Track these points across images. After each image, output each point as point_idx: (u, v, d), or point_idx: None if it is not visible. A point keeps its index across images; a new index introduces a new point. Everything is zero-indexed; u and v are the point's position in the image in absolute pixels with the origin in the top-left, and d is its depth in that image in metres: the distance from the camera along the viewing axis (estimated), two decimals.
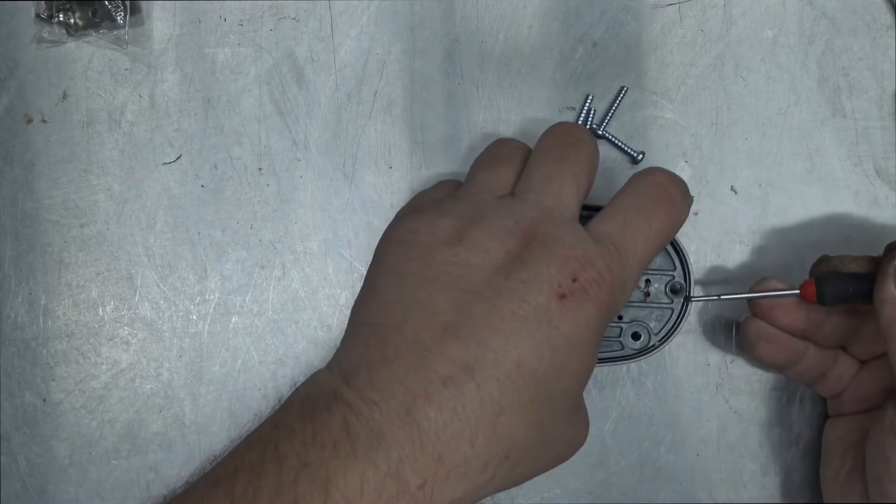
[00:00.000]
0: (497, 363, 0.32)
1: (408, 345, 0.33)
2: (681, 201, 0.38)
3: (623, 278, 0.36)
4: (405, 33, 0.48)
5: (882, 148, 0.48)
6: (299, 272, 0.47)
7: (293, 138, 0.47)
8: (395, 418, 0.32)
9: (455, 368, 0.32)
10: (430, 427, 0.32)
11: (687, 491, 0.48)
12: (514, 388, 0.33)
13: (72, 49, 0.47)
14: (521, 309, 0.33)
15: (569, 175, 0.38)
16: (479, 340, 0.33)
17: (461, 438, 0.32)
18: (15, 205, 0.47)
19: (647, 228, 0.37)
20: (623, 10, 0.48)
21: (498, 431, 0.32)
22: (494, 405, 0.32)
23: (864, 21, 0.48)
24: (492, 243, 0.35)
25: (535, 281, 0.34)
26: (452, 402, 0.32)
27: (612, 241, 0.36)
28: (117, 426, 0.47)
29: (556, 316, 0.33)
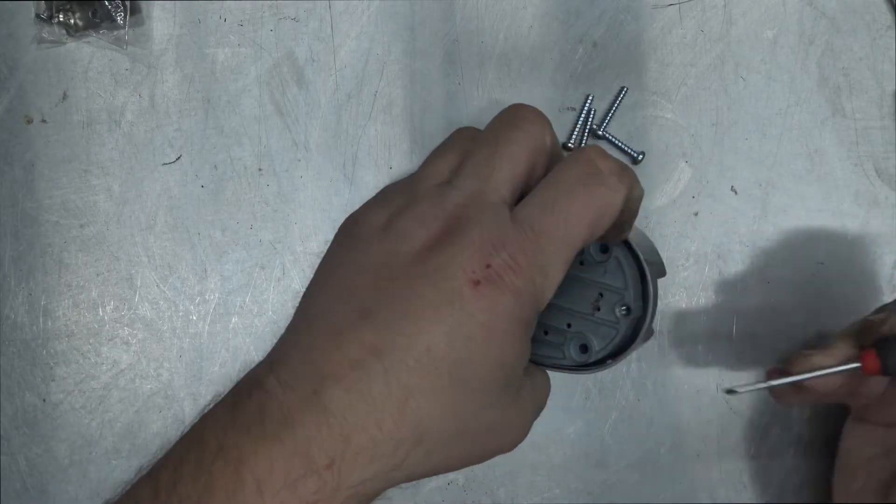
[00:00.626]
0: (407, 348, 0.33)
1: (327, 330, 0.34)
2: (611, 179, 0.34)
3: (542, 264, 0.34)
4: (405, 33, 0.48)
5: (882, 148, 0.48)
6: (299, 272, 0.47)
7: (293, 138, 0.47)
8: (303, 400, 0.32)
9: (365, 352, 0.33)
10: (337, 408, 0.32)
11: (687, 491, 0.48)
12: (423, 374, 0.33)
13: (72, 49, 0.47)
14: (435, 294, 0.33)
15: (503, 157, 0.36)
16: (390, 325, 0.33)
17: (368, 421, 0.32)
18: (15, 205, 0.47)
19: (568, 210, 0.34)
20: (623, 10, 0.48)
21: (406, 415, 0.33)
22: (402, 389, 0.32)
23: (864, 21, 0.48)
24: (417, 230, 0.35)
25: (448, 266, 0.33)
26: (359, 384, 0.32)
27: (532, 224, 0.34)
28: (117, 426, 0.47)
29: (470, 302, 0.33)
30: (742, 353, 0.48)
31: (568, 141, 0.47)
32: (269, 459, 0.32)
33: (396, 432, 0.33)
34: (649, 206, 0.48)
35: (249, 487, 0.31)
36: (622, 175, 0.34)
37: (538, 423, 0.47)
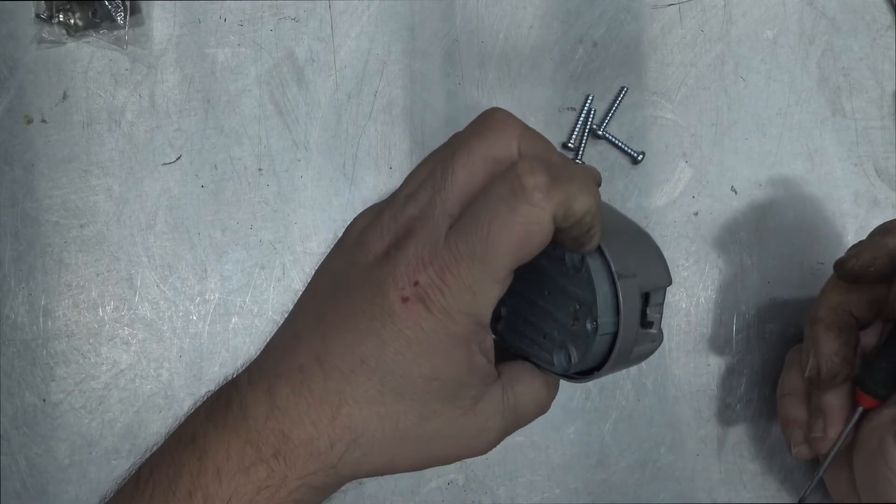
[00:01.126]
0: (343, 356, 0.36)
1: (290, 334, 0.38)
2: (535, 196, 0.33)
3: (470, 283, 0.34)
4: (405, 33, 0.48)
5: (882, 148, 0.48)
6: (299, 272, 0.47)
7: (293, 138, 0.47)
8: (259, 394, 0.36)
9: (310, 357, 0.36)
10: (282, 404, 0.36)
11: (687, 491, 0.48)
12: (357, 382, 0.36)
13: (72, 49, 0.47)
14: (371, 308, 0.35)
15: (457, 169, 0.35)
16: (331, 335, 0.36)
17: (305, 419, 0.36)
18: (15, 205, 0.47)
19: (489, 230, 0.33)
20: (623, 10, 0.48)
21: (339, 418, 0.36)
22: (337, 394, 0.36)
23: (864, 21, 0.48)
24: (375, 242, 0.37)
25: (384, 282, 0.35)
26: (301, 386, 0.36)
27: (457, 243, 0.34)
28: (117, 426, 0.47)
29: (400, 318, 0.35)
30: (742, 354, 0.48)
31: (568, 141, 0.47)
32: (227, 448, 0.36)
33: (331, 432, 0.36)
34: (649, 206, 0.48)
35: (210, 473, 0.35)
36: (549, 191, 0.33)
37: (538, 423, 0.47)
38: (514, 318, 0.39)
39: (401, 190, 0.40)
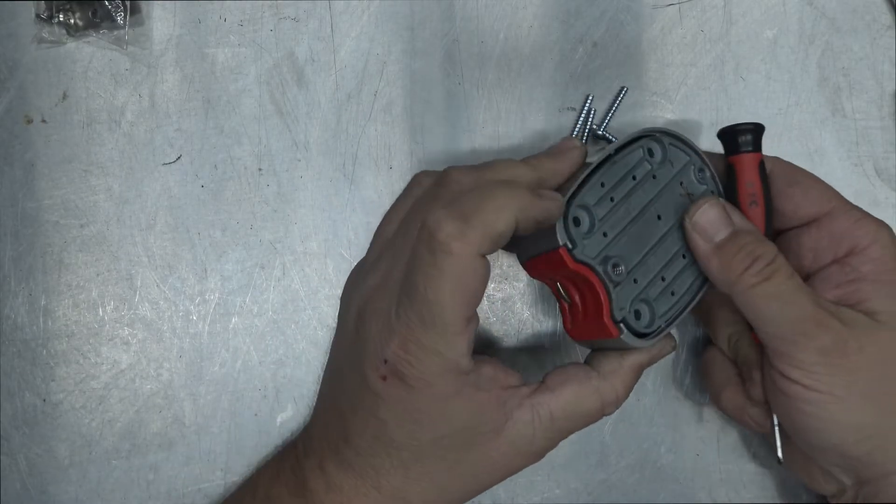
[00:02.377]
0: (361, 435, 0.38)
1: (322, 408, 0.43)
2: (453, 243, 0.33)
3: (431, 345, 0.35)
4: (405, 33, 0.48)
5: (882, 148, 0.48)
6: (299, 272, 0.47)
7: (293, 138, 0.47)
8: (314, 469, 0.40)
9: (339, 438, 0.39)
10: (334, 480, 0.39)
11: (687, 491, 0.48)
12: (381, 456, 0.38)
13: (72, 49, 0.47)
14: (362, 390, 0.38)
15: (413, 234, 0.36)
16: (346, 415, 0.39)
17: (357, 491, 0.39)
18: (15, 205, 0.47)
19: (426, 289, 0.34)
20: (623, 10, 0.48)
21: (384, 487, 0.38)
22: (371, 468, 0.38)
23: (864, 21, 0.48)
24: (346, 316, 0.41)
25: (362, 364, 0.37)
26: (343, 463, 0.39)
27: (407, 310, 0.35)
28: (117, 426, 0.47)
29: (385, 396, 0.37)
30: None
31: None
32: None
33: (381, 499, 0.39)
34: None
35: None
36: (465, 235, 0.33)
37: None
38: (654, 300, 0.39)
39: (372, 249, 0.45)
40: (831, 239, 0.40)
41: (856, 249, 0.39)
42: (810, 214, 0.40)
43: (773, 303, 0.37)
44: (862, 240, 0.39)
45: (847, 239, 0.39)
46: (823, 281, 0.40)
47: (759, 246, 0.38)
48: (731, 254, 0.38)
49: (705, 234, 0.39)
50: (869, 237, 0.39)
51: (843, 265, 0.39)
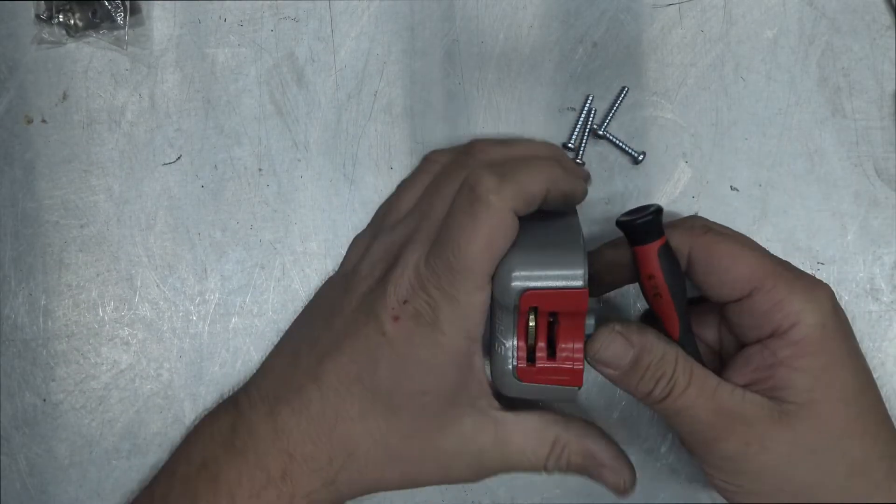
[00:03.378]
0: (338, 374, 0.38)
1: (289, 359, 0.41)
2: (490, 198, 0.36)
3: (453, 292, 0.36)
4: (405, 33, 0.48)
5: (882, 148, 0.48)
6: (299, 272, 0.47)
7: (293, 139, 0.47)
8: (262, 417, 0.38)
9: (308, 378, 0.38)
10: (285, 426, 0.38)
11: (687, 491, 0.48)
12: (352, 399, 0.38)
13: (72, 49, 0.47)
14: (364, 328, 0.38)
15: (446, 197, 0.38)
16: (329, 355, 0.38)
17: (306, 437, 0.38)
18: (15, 205, 0.47)
19: (458, 241, 0.36)
20: (623, 10, 0.48)
21: (336, 434, 0.38)
22: (333, 411, 0.38)
23: (864, 21, 0.48)
24: (367, 271, 0.40)
25: (377, 303, 0.38)
26: (301, 406, 0.38)
27: (437, 260, 0.36)
28: (117, 426, 0.47)
29: (391, 337, 0.37)
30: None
31: (568, 141, 0.47)
32: (239, 473, 0.38)
33: (329, 448, 0.38)
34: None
35: (224, 498, 0.37)
36: (501, 190, 0.36)
37: None
38: None
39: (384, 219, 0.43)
40: (752, 319, 0.38)
41: (777, 331, 0.37)
42: (733, 296, 0.39)
43: (675, 418, 0.38)
44: (783, 322, 0.37)
45: (768, 321, 0.38)
46: (744, 361, 0.39)
47: (659, 366, 0.38)
48: (635, 380, 0.38)
49: (612, 366, 0.38)
50: (790, 319, 0.37)
51: (763, 347, 0.38)
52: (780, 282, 0.38)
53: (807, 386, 0.37)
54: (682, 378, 0.37)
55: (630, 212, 0.39)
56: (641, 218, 0.38)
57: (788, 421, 0.37)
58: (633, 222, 0.38)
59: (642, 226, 0.38)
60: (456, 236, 0.36)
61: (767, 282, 0.38)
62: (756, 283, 0.38)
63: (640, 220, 0.38)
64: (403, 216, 0.42)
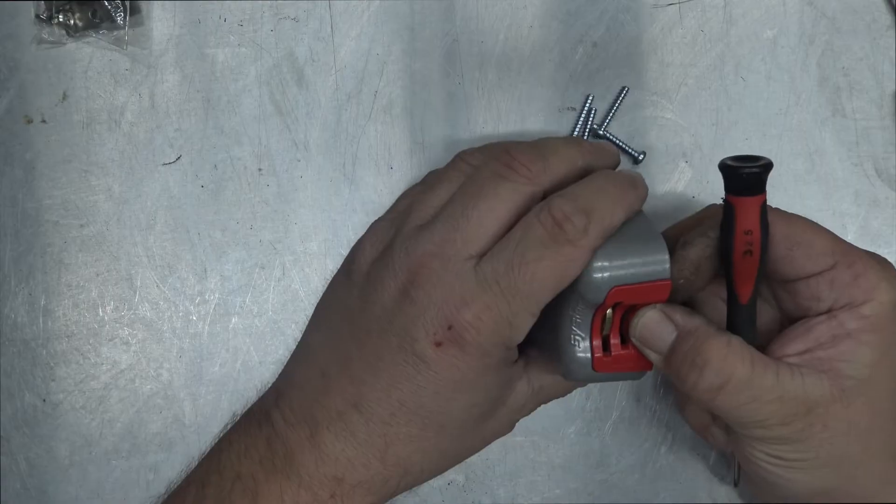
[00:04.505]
0: (380, 402, 0.37)
1: (317, 374, 0.39)
2: (576, 237, 0.35)
3: (509, 317, 0.35)
4: (405, 33, 0.48)
5: (882, 148, 0.48)
6: (299, 272, 0.47)
7: (293, 138, 0.47)
8: (303, 440, 0.37)
9: (347, 404, 0.37)
10: (329, 451, 0.37)
11: (687, 491, 0.48)
12: (398, 424, 0.37)
13: (72, 50, 0.47)
14: (401, 353, 0.36)
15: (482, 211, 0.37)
16: (365, 380, 0.37)
17: (356, 462, 0.37)
18: (15, 205, 0.47)
19: (535, 269, 0.35)
20: (623, 10, 0.48)
21: (388, 458, 0.37)
22: (381, 437, 0.37)
23: (864, 21, 0.48)
24: (388, 280, 0.38)
25: (413, 327, 0.36)
26: (345, 432, 0.37)
27: (498, 280, 0.35)
28: (117, 426, 0.47)
29: (434, 362, 0.36)
30: None
31: None
32: (280, 492, 0.36)
33: (383, 471, 0.37)
34: (648, 206, 0.47)
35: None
36: (588, 231, 0.35)
37: (538, 423, 0.47)
38: None
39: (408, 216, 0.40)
40: (830, 292, 0.38)
41: (851, 304, 0.37)
42: (817, 269, 0.38)
43: (732, 412, 0.36)
44: (858, 295, 0.37)
45: (845, 293, 0.37)
46: (805, 331, 0.38)
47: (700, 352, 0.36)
48: (677, 365, 0.37)
49: (653, 347, 0.38)
50: (866, 294, 0.37)
51: (831, 318, 0.37)
52: (858, 257, 0.38)
53: (869, 360, 0.36)
54: (738, 366, 0.36)
55: (734, 158, 0.36)
56: (753, 167, 0.35)
57: (848, 399, 0.36)
58: (745, 170, 0.35)
59: (754, 176, 0.36)
60: (532, 265, 0.35)
61: (848, 256, 0.38)
62: (838, 257, 0.37)
63: (752, 169, 0.35)
64: (430, 218, 0.39)
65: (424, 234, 0.38)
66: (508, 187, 0.37)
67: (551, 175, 0.38)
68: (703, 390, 0.36)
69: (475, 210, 0.37)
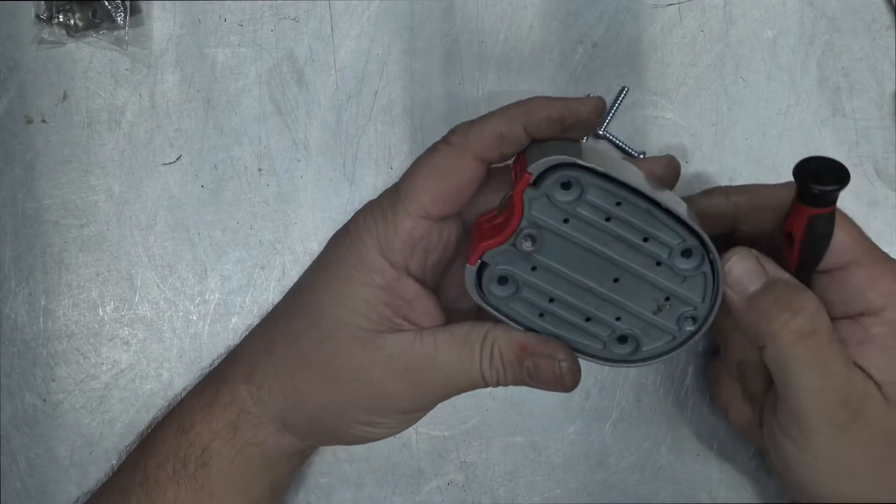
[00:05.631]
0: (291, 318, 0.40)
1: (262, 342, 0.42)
2: (456, 139, 0.37)
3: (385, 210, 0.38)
4: (405, 33, 0.48)
5: (882, 148, 0.48)
6: (299, 273, 0.47)
7: (293, 138, 0.47)
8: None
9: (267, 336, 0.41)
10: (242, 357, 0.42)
11: (687, 491, 0.48)
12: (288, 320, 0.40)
13: (72, 50, 0.47)
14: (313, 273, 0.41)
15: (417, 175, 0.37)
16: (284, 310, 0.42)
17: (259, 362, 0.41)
18: (15, 205, 0.47)
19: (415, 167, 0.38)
20: (623, 10, 0.48)
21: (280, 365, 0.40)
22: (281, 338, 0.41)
23: (864, 21, 0.48)
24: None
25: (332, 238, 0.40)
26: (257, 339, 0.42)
27: (390, 190, 0.39)
28: (117, 426, 0.47)
29: (326, 256, 0.40)
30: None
31: None
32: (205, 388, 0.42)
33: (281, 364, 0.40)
34: None
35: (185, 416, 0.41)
36: (466, 132, 0.37)
37: (538, 423, 0.47)
38: (535, 295, 0.37)
39: None
40: (843, 294, 0.37)
41: (868, 310, 0.37)
42: (827, 266, 0.37)
43: (805, 370, 0.35)
44: (876, 300, 0.36)
45: (859, 298, 0.37)
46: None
47: (796, 297, 0.35)
48: (764, 305, 0.36)
49: (737, 286, 0.36)
50: (883, 299, 0.36)
51: (854, 322, 0.37)
52: (876, 259, 0.37)
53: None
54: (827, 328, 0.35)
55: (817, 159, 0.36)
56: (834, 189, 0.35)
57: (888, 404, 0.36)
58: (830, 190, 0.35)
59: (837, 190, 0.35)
60: (414, 166, 0.37)
61: (865, 257, 0.37)
62: (854, 256, 0.37)
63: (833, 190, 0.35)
64: None
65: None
66: (436, 155, 0.37)
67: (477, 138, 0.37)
68: (790, 331, 0.35)
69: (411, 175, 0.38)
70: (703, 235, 0.35)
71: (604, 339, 0.37)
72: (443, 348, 0.37)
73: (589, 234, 0.35)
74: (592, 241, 0.35)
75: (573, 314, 0.37)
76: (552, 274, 0.36)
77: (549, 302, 0.37)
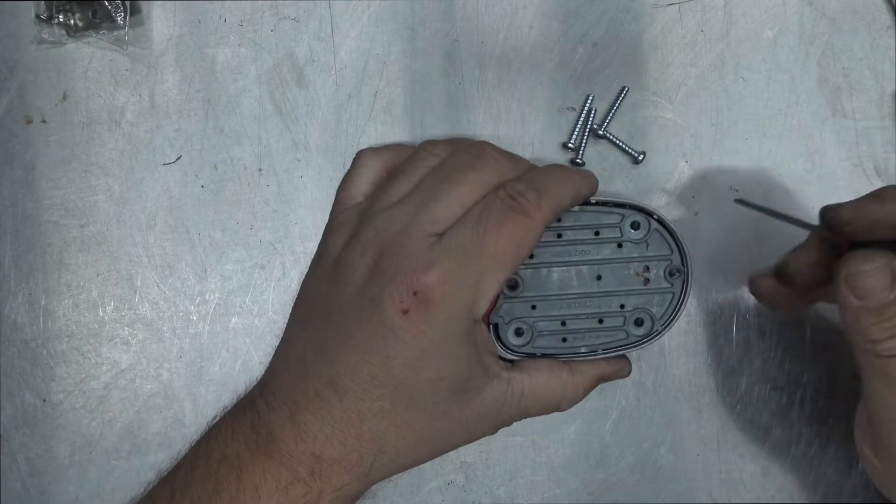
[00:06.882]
0: (353, 378, 0.38)
1: (297, 362, 0.40)
2: (532, 209, 0.38)
3: (472, 281, 0.37)
4: (405, 33, 0.48)
5: (882, 148, 0.48)
6: (299, 273, 0.47)
7: (293, 138, 0.47)
8: (283, 421, 0.38)
9: (323, 383, 0.38)
10: (308, 430, 0.38)
11: (687, 491, 0.48)
12: (371, 399, 0.38)
13: (72, 50, 0.47)
14: (371, 326, 0.38)
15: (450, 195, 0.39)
16: (338, 358, 0.38)
17: (333, 439, 0.38)
18: (15, 205, 0.47)
19: (496, 232, 0.37)
20: (623, 10, 0.48)
21: (363, 434, 0.38)
22: (356, 413, 0.38)
23: (864, 21, 0.48)
24: (358, 260, 0.39)
25: (380, 297, 0.37)
26: (322, 410, 0.38)
27: (461, 244, 0.37)
28: (117, 426, 0.47)
29: (402, 331, 0.37)
30: (742, 354, 0.48)
31: (568, 141, 0.47)
32: (263, 469, 0.38)
33: (358, 447, 0.38)
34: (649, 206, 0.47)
35: (249, 491, 0.37)
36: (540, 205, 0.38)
37: (539, 423, 0.47)
38: (548, 325, 0.41)
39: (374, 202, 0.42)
40: None
41: None
42: None
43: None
44: None
45: None
46: None
47: None
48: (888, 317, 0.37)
49: (866, 294, 0.37)
50: None
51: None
52: None
53: None
54: None
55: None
56: None
57: None
58: None
59: None
60: (489, 231, 0.37)
61: None
62: None
63: None
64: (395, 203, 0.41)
65: (394, 214, 0.39)
66: (476, 177, 0.39)
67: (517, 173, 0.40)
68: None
69: (444, 193, 0.39)
70: (633, 204, 0.41)
71: (624, 329, 0.41)
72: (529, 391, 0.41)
73: (553, 253, 0.41)
74: (561, 258, 0.41)
75: (587, 323, 0.41)
76: (548, 302, 0.41)
77: (562, 325, 0.41)
